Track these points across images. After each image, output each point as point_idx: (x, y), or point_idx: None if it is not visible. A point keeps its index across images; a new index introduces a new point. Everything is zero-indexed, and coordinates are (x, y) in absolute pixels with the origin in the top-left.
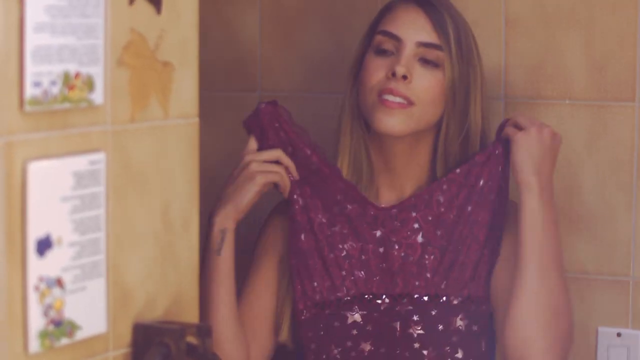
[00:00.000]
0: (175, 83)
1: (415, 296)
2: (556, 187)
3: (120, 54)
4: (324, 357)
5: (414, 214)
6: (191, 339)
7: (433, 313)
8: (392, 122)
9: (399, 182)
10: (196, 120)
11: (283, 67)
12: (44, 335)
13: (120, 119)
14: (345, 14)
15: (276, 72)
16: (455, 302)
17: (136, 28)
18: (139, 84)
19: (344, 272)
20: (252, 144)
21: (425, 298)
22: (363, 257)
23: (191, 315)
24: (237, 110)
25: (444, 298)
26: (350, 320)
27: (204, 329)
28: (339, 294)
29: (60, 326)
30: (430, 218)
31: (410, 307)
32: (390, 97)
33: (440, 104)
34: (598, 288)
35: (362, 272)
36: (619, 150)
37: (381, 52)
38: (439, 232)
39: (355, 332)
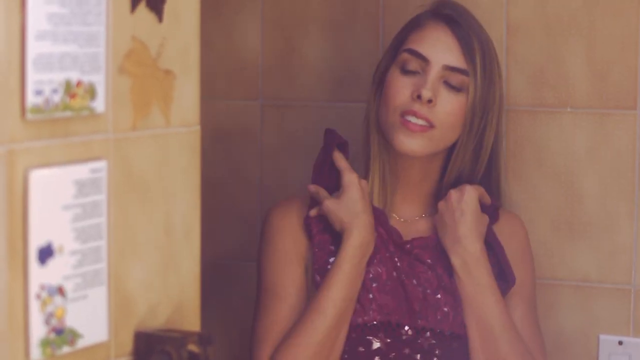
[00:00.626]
0: (176, 91)
1: (438, 331)
2: (557, 195)
3: (121, 62)
4: None
5: (427, 253)
6: (192, 347)
7: (455, 347)
8: (413, 144)
9: (411, 195)
10: (198, 128)
11: (284, 75)
12: (45, 343)
13: (121, 127)
14: (347, 23)
15: (278, 80)
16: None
17: (138, 36)
18: (141, 92)
19: (371, 296)
20: (346, 162)
21: (448, 333)
22: (389, 282)
23: (193, 324)
24: (239, 118)
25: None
26: (374, 347)
27: (206, 338)
28: (365, 318)
29: (61, 334)
30: (440, 256)
31: (434, 342)
32: (412, 119)
33: (460, 126)
34: (599, 296)
35: (388, 298)
36: (621, 158)
37: (407, 71)
38: (448, 272)
39: (377, 359)
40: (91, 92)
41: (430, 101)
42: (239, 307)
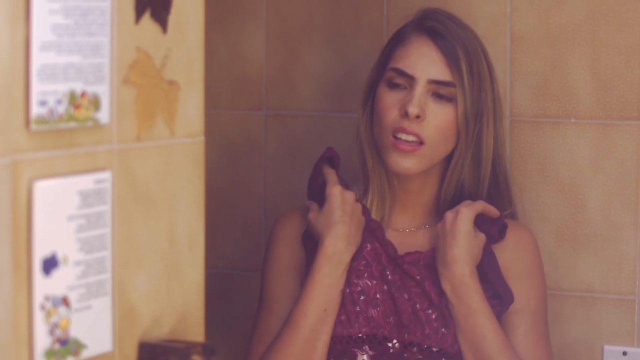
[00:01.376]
0: (181, 102)
1: (425, 346)
2: (562, 205)
3: (126, 72)
4: None
5: (417, 269)
6: (197, 358)
7: None
8: (406, 164)
9: (411, 207)
10: (202, 139)
11: (288, 86)
12: (49, 354)
13: (126, 138)
14: (350, 33)
15: (282, 90)
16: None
17: (142, 47)
18: (145, 103)
19: (358, 308)
20: (335, 176)
21: (435, 349)
22: (378, 295)
23: (197, 334)
24: (243, 128)
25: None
26: (359, 359)
27: (210, 348)
28: (351, 330)
29: (66, 345)
30: (429, 272)
31: (420, 357)
32: (403, 136)
33: (453, 137)
34: (604, 306)
35: (376, 311)
36: (625, 169)
37: (394, 85)
38: (437, 288)
39: None
40: (95, 102)
41: (418, 117)
42: (243, 317)
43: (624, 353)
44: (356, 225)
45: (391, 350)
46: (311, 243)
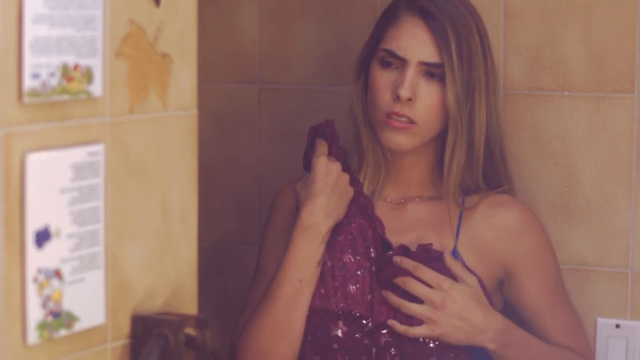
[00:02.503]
0: (173, 75)
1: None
2: (555, 179)
3: (119, 45)
4: (311, 358)
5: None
6: (190, 331)
7: (409, 350)
8: (399, 140)
9: (405, 180)
10: (195, 112)
11: (282, 60)
12: (42, 326)
13: (118, 111)
14: (344, 7)
15: (275, 64)
16: (431, 345)
17: (135, 20)
18: (138, 76)
19: (337, 283)
20: (324, 148)
21: (404, 335)
22: (359, 272)
23: (190, 307)
24: (236, 102)
25: (422, 339)
26: (333, 333)
27: (203, 321)
28: (328, 305)
29: (58, 317)
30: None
31: (390, 339)
32: (395, 118)
33: (445, 114)
34: (597, 279)
35: (355, 288)
36: (618, 142)
37: (386, 64)
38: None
39: (335, 346)
40: (88, 75)
41: (409, 99)
42: (235, 290)
43: (617, 326)
44: (338, 196)
45: (365, 329)
46: None
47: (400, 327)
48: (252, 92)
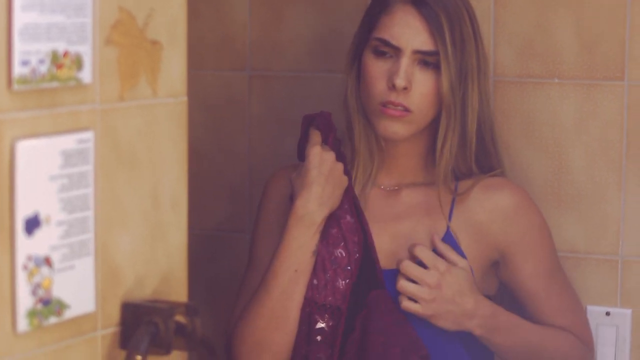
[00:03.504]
0: (163, 62)
1: None
2: (545, 166)
3: (108, 32)
4: (294, 348)
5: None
6: (180, 318)
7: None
8: (395, 128)
9: (397, 166)
10: (185, 99)
11: (272, 46)
12: (32, 314)
13: (108, 98)
14: None
15: (265, 51)
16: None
17: (125, 6)
18: (128, 63)
19: (327, 276)
20: (318, 137)
21: None
22: (349, 267)
23: (180, 294)
24: (227, 89)
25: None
26: (318, 326)
27: (193, 308)
28: (318, 297)
29: (48, 305)
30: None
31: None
32: (391, 106)
33: (439, 102)
34: (587, 267)
35: (344, 283)
36: (608, 130)
37: (380, 53)
38: None
39: (319, 338)
40: (78, 62)
41: (405, 88)
42: (226, 278)
43: (607, 313)
44: (332, 186)
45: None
46: None
47: (398, 284)
48: (243, 79)
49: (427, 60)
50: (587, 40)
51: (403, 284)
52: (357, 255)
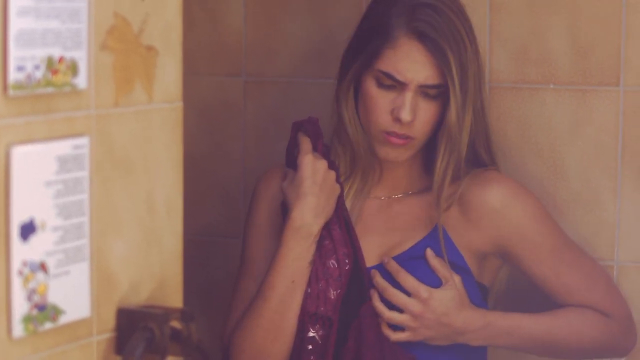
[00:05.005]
0: (159, 67)
1: None
2: (541, 172)
3: (104, 38)
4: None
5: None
6: (175, 324)
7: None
8: (396, 154)
9: (393, 180)
10: (180, 104)
11: (267, 52)
12: (27, 319)
13: (104, 104)
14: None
15: (261, 57)
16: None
17: (120, 12)
18: (123, 69)
19: (320, 286)
20: (309, 144)
21: None
22: (341, 278)
23: (175, 300)
24: (222, 94)
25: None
26: (309, 335)
27: (188, 314)
28: (311, 306)
29: (44, 311)
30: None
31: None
32: (394, 136)
33: (439, 126)
34: None
35: (335, 294)
36: (603, 135)
37: (384, 86)
38: None
39: (310, 347)
40: (73, 68)
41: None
42: (221, 283)
43: None
44: (327, 195)
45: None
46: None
47: (384, 329)
48: (238, 84)
49: (430, 94)
50: (582, 46)
51: (388, 314)
52: (348, 267)
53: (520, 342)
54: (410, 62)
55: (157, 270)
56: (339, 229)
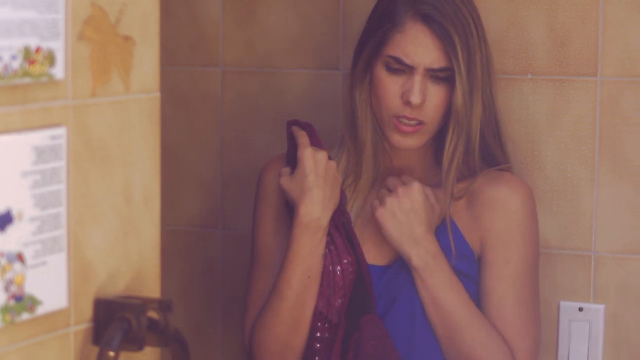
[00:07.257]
0: (136, 58)
1: None
2: (518, 162)
3: (81, 28)
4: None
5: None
6: (152, 314)
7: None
8: (408, 141)
9: (402, 170)
10: (157, 95)
11: (245, 43)
12: (4, 310)
13: (81, 94)
14: None
15: (238, 47)
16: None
17: (97, 2)
18: (100, 59)
19: (329, 291)
20: (306, 138)
21: None
22: (345, 287)
23: (152, 290)
24: (199, 85)
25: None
26: (318, 334)
27: (165, 304)
28: (322, 306)
29: (21, 301)
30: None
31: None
32: (405, 121)
33: (449, 111)
34: (560, 263)
35: (340, 301)
36: (581, 125)
37: (393, 70)
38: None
39: (318, 345)
40: (50, 58)
41: (420, 104)
42: (198, 273)
43: (580, 309)
44: (331, 186)
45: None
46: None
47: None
48: (216, 74)
49: (439, 76)
50: (560, 37)
51: (380, 192)
52: (352, 277)
53: (443, 303)
54: (417, 46)
55: (134, 260)
56: (340, 237)
